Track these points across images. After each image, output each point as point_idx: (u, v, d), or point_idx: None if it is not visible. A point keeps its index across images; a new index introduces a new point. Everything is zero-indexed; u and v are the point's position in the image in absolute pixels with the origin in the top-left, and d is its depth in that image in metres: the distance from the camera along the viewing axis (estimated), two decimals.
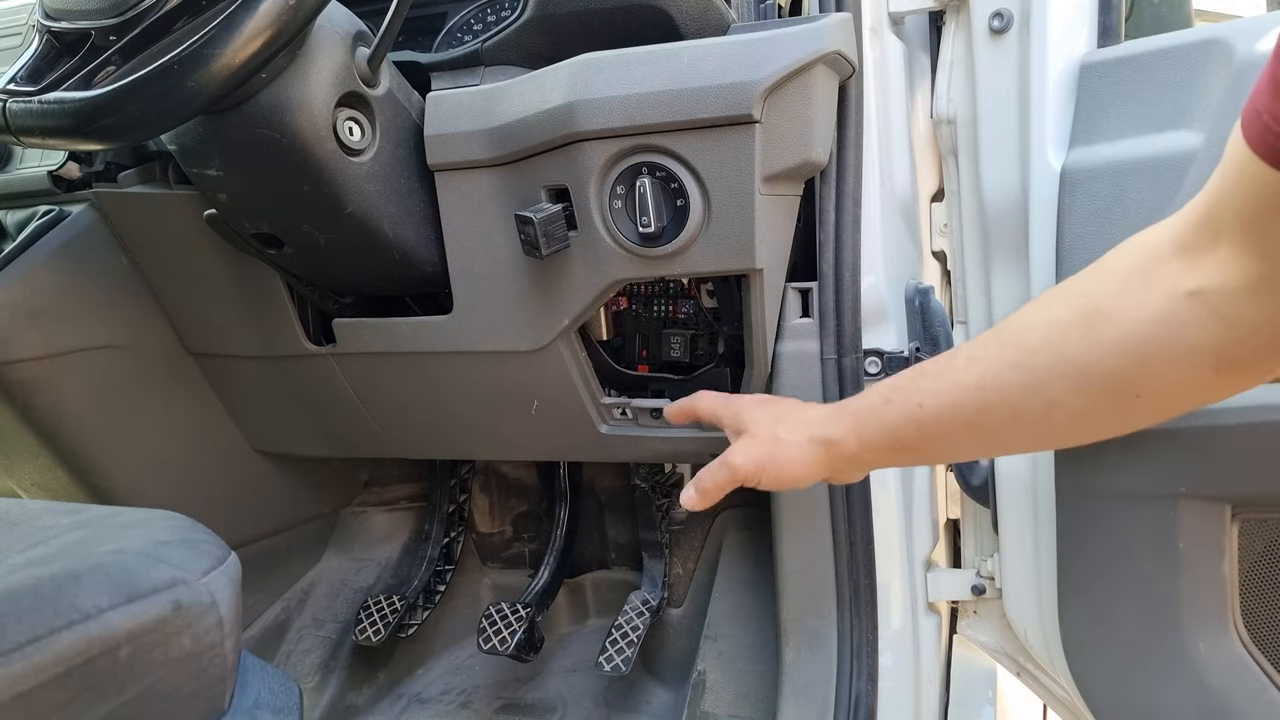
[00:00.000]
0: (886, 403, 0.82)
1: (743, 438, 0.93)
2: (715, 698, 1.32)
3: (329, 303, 1.24)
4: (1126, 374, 0.66)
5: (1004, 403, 0.72)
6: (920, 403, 0.78)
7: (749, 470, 0.90)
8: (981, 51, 1.06)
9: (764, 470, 0.90)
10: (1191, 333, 0.62)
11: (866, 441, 0.84)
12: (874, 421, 0.83)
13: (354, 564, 1.83)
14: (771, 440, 0.90)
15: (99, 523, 0.79)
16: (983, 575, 1.20)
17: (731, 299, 1.12)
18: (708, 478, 0.93)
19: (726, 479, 0.91)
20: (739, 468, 0.90)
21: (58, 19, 0.89)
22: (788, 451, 0.89)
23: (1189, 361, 0.63)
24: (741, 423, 0.94)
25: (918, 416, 0.79)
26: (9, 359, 1.23)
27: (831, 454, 0.87)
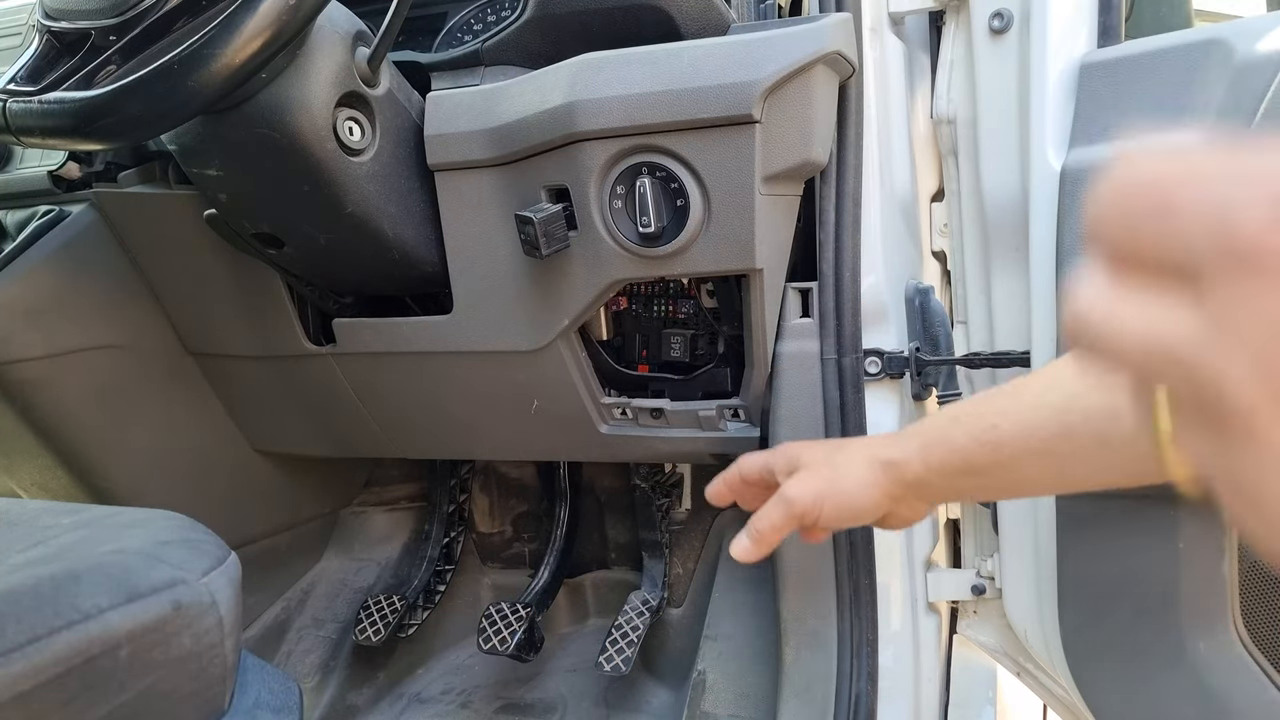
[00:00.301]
0: (954, 422, 0.77)
1: (797, 473, 0.84)
2: (715, 697, 1.32)
3: (329, 303, 1.24)
4: None
5: (1088, 426, 0.68)
6: (994, 424, 0.73)
7: (806, 503, 0.80)
8: (981, 51, 1.06)
9: (823, 501, 0.80)
10: None
11: (932, 465, 0.77)
12: (941, 442, 0.77)
13: (354, 564, 1.83)
14: (829, 468, 0.82)
15: (99, 523, 0.79)
16: (983, 575, 1.20)
17: (731, 299, 1.12)
18: (763, 520, 0.83)
19: (783, 517, 0.81)
20: (795, 500, 0.81)
21: (58, 19, 0.89)
22: (846, 478, 0.81)
23: None
24: (796, 461, 0.86)
25: (990, 439, 0.73)
26: (9, 359, 1.23)
27: (893, 478, 0.79)
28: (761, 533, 0.82)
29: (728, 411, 1.17)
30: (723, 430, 1.18)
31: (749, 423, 1.18)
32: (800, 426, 1.10)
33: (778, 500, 0.82)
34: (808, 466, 0.83)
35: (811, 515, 0.81)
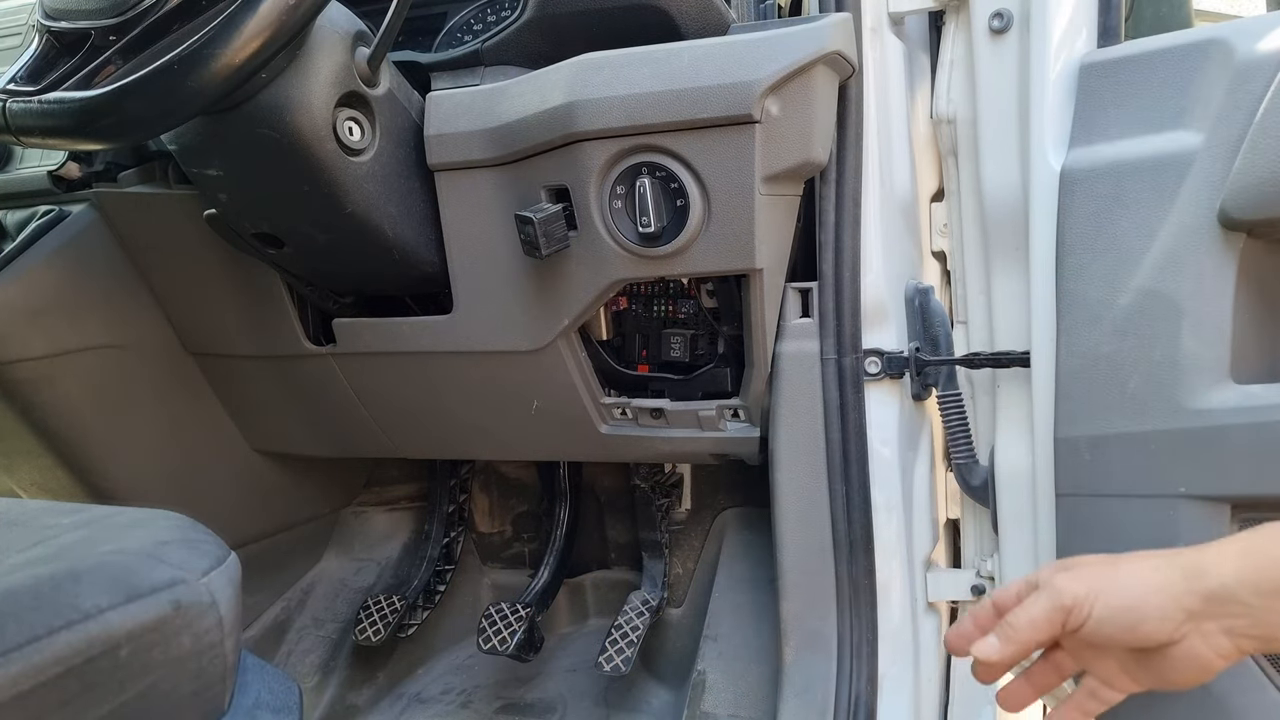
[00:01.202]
0: None
1: (1070, 569, 0.70)
2: (715, 697, 1.32)
3: (329, 302, 1.24)
4: None
5: None
6: None
7: (1078, 593, 0.67)
8: (981, 51, 1.06)
9: (1097, 597, 0.66)
10: None
11: (1250, 578, 0.62)
12: (1269, 547, 0.63)
13: (354, 564, 1.82)
14: (1108, 564, 0.69)
15: (99, 522, 0.79)
16: (983, 575, 1.20)
17: (731, 299, 1.12)
18: (1022, 614, 0.69)
19: (1046, 610, 0.68)
20: (1064, 590, 0.67)
21: (58, 19, 0.89)
22: (1130, 575, 0.67)
23: None
24: (1069, 563, 0.72)
25: None
26: (9, 359, 1.23)
27: (1193, 584, 0.64)
28: (1017, 629, 0.69)
29: (728, 411, 1.17)
30: (723, 430, 1.18)
31: (749, 423, 1.17)
32: (800, 426, 1.10)
33: (1046, 589, 0.69)
34: (1081, 563, 0.71)
35: (1082, 610, 0.67)
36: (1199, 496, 0.90)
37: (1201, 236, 0.87)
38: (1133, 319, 0.92)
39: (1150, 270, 0.90)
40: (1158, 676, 0.69)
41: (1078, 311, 0.96)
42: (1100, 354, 0.94)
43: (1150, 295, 0.90)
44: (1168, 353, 0.89)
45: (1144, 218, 0.90)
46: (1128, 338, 0.92)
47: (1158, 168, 0.90)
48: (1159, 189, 0.89)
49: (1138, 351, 0.91)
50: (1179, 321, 0.89)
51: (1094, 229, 0.94)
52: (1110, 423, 0.94)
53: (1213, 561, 0.64)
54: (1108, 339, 0.94)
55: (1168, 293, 0.89)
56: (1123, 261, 0.92)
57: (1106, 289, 0.93)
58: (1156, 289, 0.90)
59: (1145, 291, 0.91)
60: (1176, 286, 0.89)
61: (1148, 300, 0.91)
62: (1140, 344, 0.91)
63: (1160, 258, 0.89)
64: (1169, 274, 0.89)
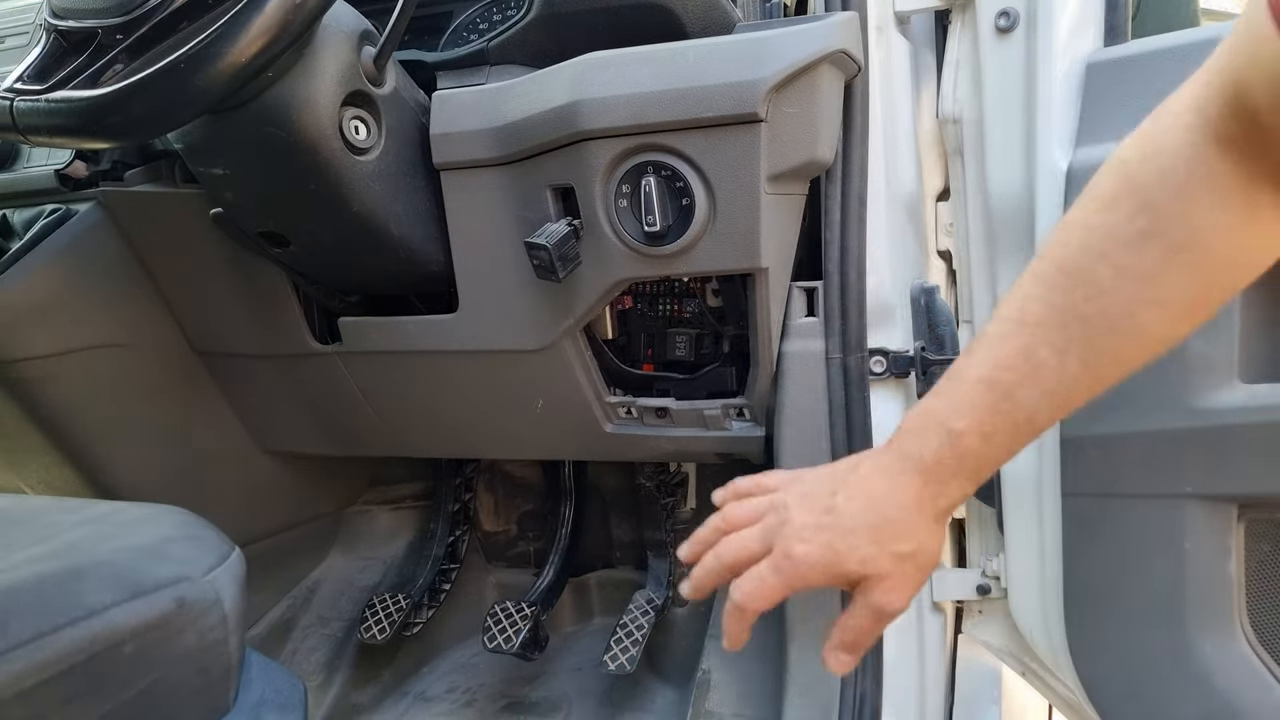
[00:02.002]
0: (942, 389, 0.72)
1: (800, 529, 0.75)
2: (720, 696, 1.32)
3: (335, 301, 1.24)
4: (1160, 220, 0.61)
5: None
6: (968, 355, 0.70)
7: (810, 564, 0.73)
8: (987, 50, 1.06)
9: (828, 565, 0.73)
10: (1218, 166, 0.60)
11: (932, 413, 0.71)
12: (935, 407, 0.72)
13: (359, 562, 1.83)
14: (829, 518, 0.74)
15: (103, 519, 0.79)
16: (988, 575, 1.19)
17: (736, 298, 1.12)
18: (755, 594, 0.75)
19: (777, 588, 0.74)
20: (800, 565, 0.73)
21: (64, 18, 0.89)
22: (929, 551, 0.74)
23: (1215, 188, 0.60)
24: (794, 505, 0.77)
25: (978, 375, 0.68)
26: (15, 357, 1.23)
27: (902, 441, 0.73)
28: (746, 608, 0.76)
29: (732, 411, 1.17)
30: (727, 429, 1.18)
31: (754, 422, 1.17)
32: (805, 426, 1.10)
33: (778, 570, 0.74)
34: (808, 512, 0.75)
35: (809, 580, 0.74)
36: (1205, 496, 0.89)
37: None
38: None
39: None
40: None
41: None
42: None
43: None
44: (1174, 352, 0.89)
45: None
46: None
47: None
48: None
49: None
50: None
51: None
52: (1116, 422, 0.94)
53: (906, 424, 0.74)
54: None
55: None
56: None
57: None
58: None
59: None
60: None
61: None
62: None
63: None
64: None
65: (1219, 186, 0.60)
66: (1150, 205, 0.62)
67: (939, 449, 0.71)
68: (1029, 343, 0.67)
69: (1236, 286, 0.66)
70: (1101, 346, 0.66)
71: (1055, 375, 0.66)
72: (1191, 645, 0.92)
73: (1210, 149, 0.60)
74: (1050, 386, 0.67)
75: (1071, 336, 0.66)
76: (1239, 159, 0.59)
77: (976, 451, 0.70)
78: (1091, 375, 0.67)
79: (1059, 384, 0.67)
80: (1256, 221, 0.61)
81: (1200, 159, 0.60)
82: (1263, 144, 0.58)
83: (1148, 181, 0.62)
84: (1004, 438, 0.69)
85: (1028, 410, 0.68)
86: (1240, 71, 0.57)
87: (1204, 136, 0.60)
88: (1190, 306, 0.65)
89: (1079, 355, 0.66)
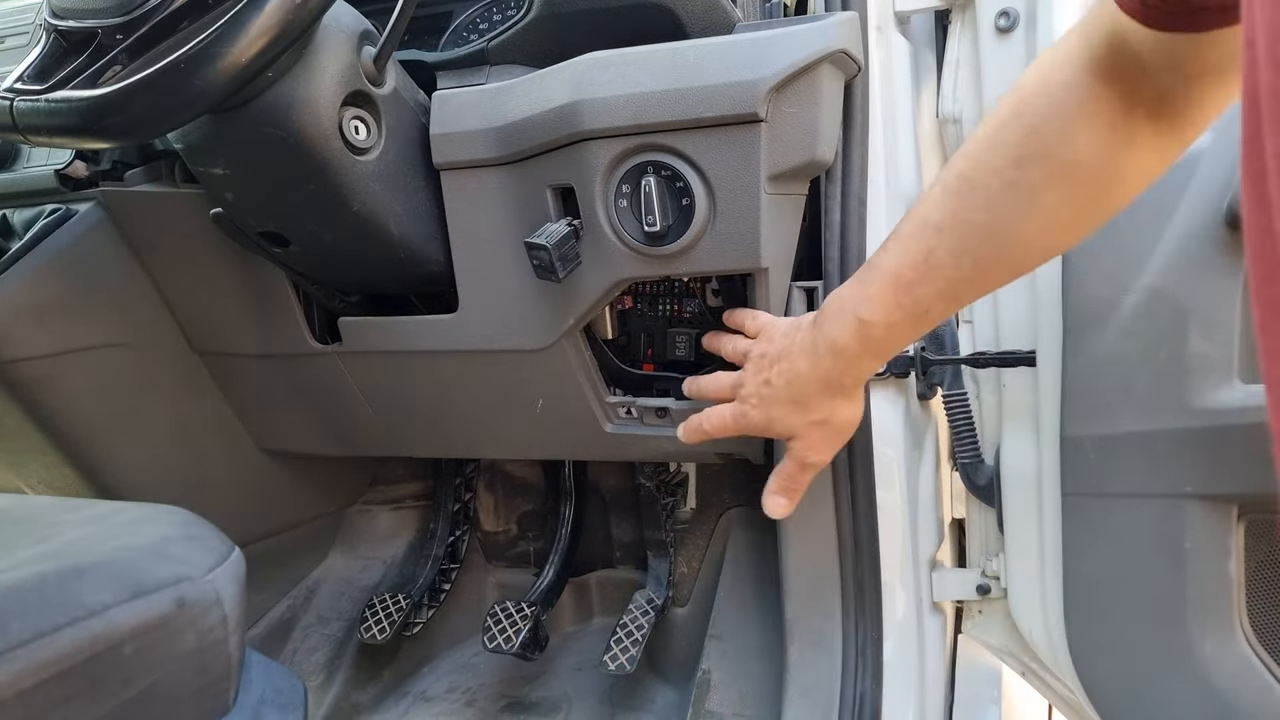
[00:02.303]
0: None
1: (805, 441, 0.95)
2: (720, 696, 1.32)
3: (335, 301, 1.24)
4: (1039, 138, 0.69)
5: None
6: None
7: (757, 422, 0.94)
8: (987, 50, 1.06)
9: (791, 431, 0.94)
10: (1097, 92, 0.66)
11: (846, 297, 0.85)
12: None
13: (359, 562, 1.83)
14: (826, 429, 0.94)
15: (103, 519, 0.79)
16: (988, 575, 1.20)
17: (737, 298, 1.12)
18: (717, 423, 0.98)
19: (740, 429, 0.97)
20: (754, 424, 0.95)
21: (64, 18, 0.89)
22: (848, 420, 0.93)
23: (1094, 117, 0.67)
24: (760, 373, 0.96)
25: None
26: (15, 357, 1.23)
27: (822, 324, 0.87)
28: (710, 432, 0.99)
29: None
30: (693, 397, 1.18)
31: None
32: None
33: (742, 415, 0.95)
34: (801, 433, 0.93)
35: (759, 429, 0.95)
36: (1205, 496, 0.89)
37: (1208, 236, 0.87)
38: (1139, 318, 0.91)
39: (1157, 270, 0.90)
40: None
41: (1084, 311, 0.95)
42: (1107, 353, 0.94)
43: (1157, 295, 0.90)
44: (1175, 352, 0.89)
45: (1151, 217, 0.90)
46: (1134, 337, 0.92)
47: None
48: (1165, 187, 0.89)
49: (1144, 351, 0.91)
50: (1186, 321, 0.88)
51: (1100, 228, 0.94)
52: (1117, 422, 0.94)
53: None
54: (1114, 338, 0.93)
55: (1175, 292, 0.89)
56: (1129, 261, 0.92)
57: (1113, 288, 0.93)
58: (1163, 288, 0.90)
59: (1152, 291, 0.90)
60: (1184, 286, 0.89)
61: (1155, 300, 0.90)
62: (1147, 343, 0.91)
63: (1167, 257, 0.89)
64: (1176, 273, 0.89)
65: (1100, 114, 0.67)
66: (1037, 129, 0.69)
67: (849, 334, 0.83)
68: (930, 245, 0.76)
69: (1115, 207, 0.73)
70: (991, 252, 0.74)
71: (949, 276, 0.76)
72: (1191, 645, 0.92)
73: (1094, 80, 0.66)
74: (944, 286, 0.77)
75: (966, 242, 0.74)
76: (1120, 90, 0.65)
77: (881, 338, 0.82)
78: (982, 276, 0.77)
79: (952, 283, 0.76)
80: (1134, 148, 0.68)
81: (1085, 88, 0.67)
82: (1139, 75, 0.64)
83: (1037, 107, 0.69)
84: (904, 328, 0.82)
85: (925, 305, 0.78)
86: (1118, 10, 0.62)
87: (1089, 69, 0.66)
88: (1071, 222, 0.74)
89: (971, 259, 0.74)
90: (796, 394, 0.90)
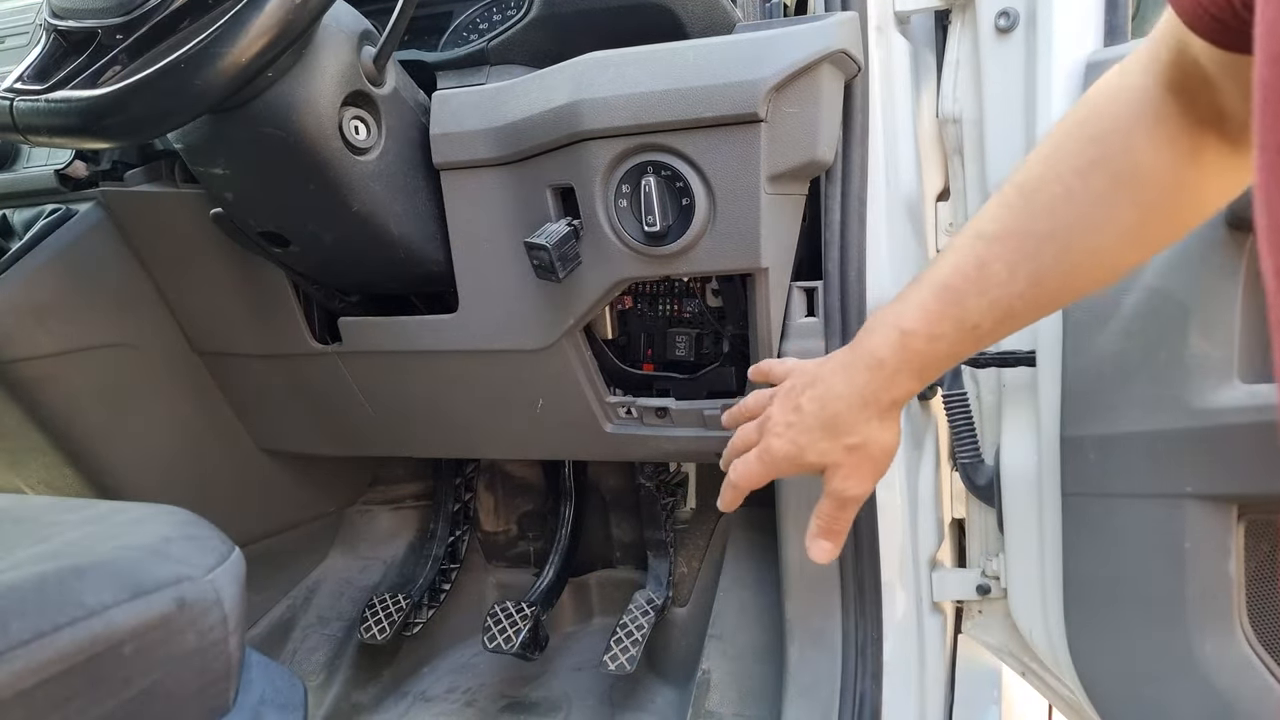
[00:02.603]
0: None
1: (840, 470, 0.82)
2: (720, 696, 1.32)
3: (335, 301, 1.24)
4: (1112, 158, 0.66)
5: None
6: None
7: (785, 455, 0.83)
8: (987, 51, 1.06)
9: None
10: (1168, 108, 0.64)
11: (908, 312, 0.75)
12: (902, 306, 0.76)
13: (359, 562, 1.83)
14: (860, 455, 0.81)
15: (104, 519, 0.79)
16: (988, 575, 1.20)
17: (736, 298, 1.12)
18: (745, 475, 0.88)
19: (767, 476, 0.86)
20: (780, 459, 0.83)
21: (64, 18, 0.89)
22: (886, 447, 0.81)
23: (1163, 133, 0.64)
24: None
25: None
26: (15, 357, 1.23)
27: (860, 340, 0.78)
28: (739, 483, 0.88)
29: None
30: (728, 429, 1.18)
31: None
32: None
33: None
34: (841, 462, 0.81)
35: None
36: (1205, 496, 0.89)
37: (1208, 236, 0.87)
38: (1139, 318, 0.91)
39: (1157, 270, 0.90)
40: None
41: (1084, 311, 0.95)
42: (1107, 353, 0.94)
43: (1157, 295, 0.90)
44: (1174, 352, 0.89)
45: None
46: (1134, 337, 0.92)
47: None
48: None
49: (1144, 351, 0.91)
50: (1186, 321, 0.88)
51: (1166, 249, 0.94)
52: (1117, 422, 0.94)
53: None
54: (1114, 338, 0.93)
55: (1174, 292, 0.89)
56: None
57: (1113, 289, 0.93)
58: (1163, 288, 0.90)
59: (1152, 291, 0.90)
60: (1183, 286, 0.89)
61: (1154, 300, 0.90)
62: (1147, 343, 0.91)
63: (1167, 257, 0.89)
64: (1176, 273, 0.89)
65: (1166, 126, 0.64)
66: (1102, 137, 0.66)
67: (888, 347, 0.76)
68: (983, 254, 0.71)
69: (1182, 225, 0.69)
70: (1049, 265, 0.69)
71: (1004, 288, 0.70)
72: (1191, 645, 0.92)
73: (1161, 91, 0.64)
74: (998, 297, 0.70)
75: (1023, 252, 0.69)
76: (1185, 102, 0.63)
77: (922, 351, 0.74)
78: (1038, 291, 0.70)
79: (1006, 296, 0.70)
80: (1199, 164, 0.64)
81: (1150, 99, 0.64)
82: (1203, 89, 0.61)
83: (1104, 114, 0.67)
84: (949, 342, 0.73)
85: (974, 318, 0.71)
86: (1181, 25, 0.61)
87: (1156, 79, 0.64)
88: (1134, 237, 0.69)
89: (1028, 272, 0.69)
90: (830, 416, 0.80)
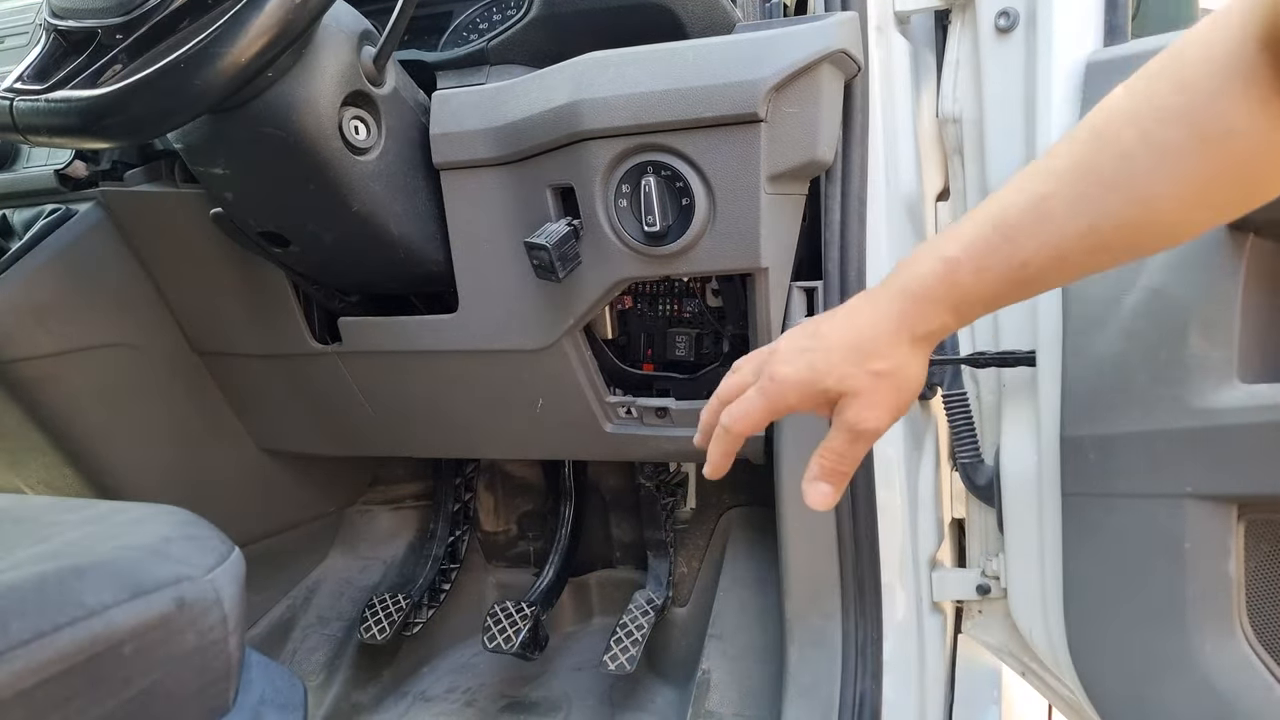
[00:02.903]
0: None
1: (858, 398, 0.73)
2: (720, 696, 1.32)
3: (335, 301, 1.24)
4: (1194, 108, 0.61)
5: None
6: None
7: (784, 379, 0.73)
8: (987, 50, 1.06)
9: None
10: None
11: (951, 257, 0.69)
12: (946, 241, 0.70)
13: (359, 562, 1.83)
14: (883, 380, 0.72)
15: (103, 518, 0.79)
16: (988, 575, 1.19)
17: (736, 298, 1.12)
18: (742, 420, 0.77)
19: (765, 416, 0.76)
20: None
21: (64, 18, 0.89)
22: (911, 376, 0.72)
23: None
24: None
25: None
26: (15, 357, 1.23)
27: (896, 272, 0.72)
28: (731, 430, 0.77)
29: None
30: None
31: None
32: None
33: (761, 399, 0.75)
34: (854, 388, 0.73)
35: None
36: (1205, 496, 0.89)
37: (1208, 236, 0.87)
38: (1139, 318, 0.91)
39: (1157, 270, 0.90)
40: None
41: (1084, 311, 0.95)
42: (1107, 353, 0.94)
43: (1157, 295, 0.90)
44: (1174, 352, 0.89)
45: None
46: (1134, 337, 0.92)
47: None
48: None
49: (1144, 351, 0.91)
50: (1186, 321, 0.88)
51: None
52: (1117, 422, 0.94)
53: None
54: (1114, 338, 0.93)
55: (1175, 292, 0.89)
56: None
57: (1113, 288, 0.93)
58: (1163, 289, 0.90)
59: (1152, 291, 0.90)
60: (1183, 286, 0.89)
61: (1155, 300, 0.90)
62: (1147, 343, 0.91)
63: (1167, 257, 0.89)
64: (1176, 274, 0.89)
65: (1257, 85, 0.60)
66: (1188, 85, 0.62)
67: (928, 274, 0.70)
68: (1044, 190, 0.66)
69: (1259, 193, 0.64)
70: (1114, 210, 0.64)
71: (1060, 229, 0.65)
72: (1191, 645, 0.92)
73: (1256, 47, 0.59)
74: (1052, 238, 0.66)
75: (1086, 194, 0.65)
76: (1278, 62, 0.59)
77: (965, 284, 0.69)
78: (1095, 239, 0.66)
79: (1062, 238, 0.65)
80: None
81: (1246, 55, 0.60)
82: None
83: (1193, 63, 0.62)
84: (994, 277, 0.68)
85: (1024, 256, 0.66)
86: None
87: (1254, 34, 0.60)
88: (1205, 198, 0.64)
89: (1088, 215, 0.65)
90: (856, 338, 0.72)
